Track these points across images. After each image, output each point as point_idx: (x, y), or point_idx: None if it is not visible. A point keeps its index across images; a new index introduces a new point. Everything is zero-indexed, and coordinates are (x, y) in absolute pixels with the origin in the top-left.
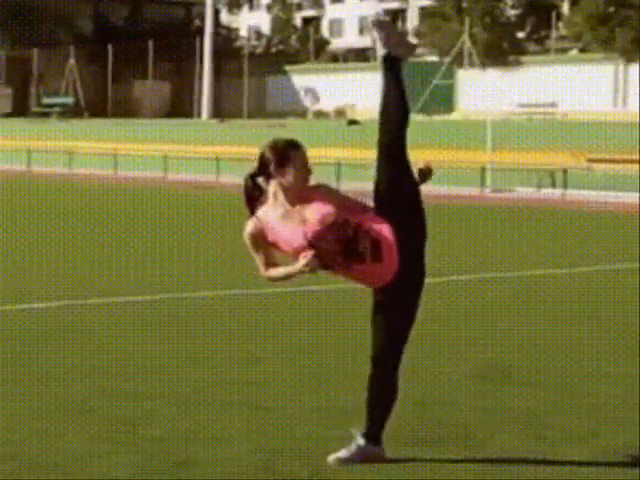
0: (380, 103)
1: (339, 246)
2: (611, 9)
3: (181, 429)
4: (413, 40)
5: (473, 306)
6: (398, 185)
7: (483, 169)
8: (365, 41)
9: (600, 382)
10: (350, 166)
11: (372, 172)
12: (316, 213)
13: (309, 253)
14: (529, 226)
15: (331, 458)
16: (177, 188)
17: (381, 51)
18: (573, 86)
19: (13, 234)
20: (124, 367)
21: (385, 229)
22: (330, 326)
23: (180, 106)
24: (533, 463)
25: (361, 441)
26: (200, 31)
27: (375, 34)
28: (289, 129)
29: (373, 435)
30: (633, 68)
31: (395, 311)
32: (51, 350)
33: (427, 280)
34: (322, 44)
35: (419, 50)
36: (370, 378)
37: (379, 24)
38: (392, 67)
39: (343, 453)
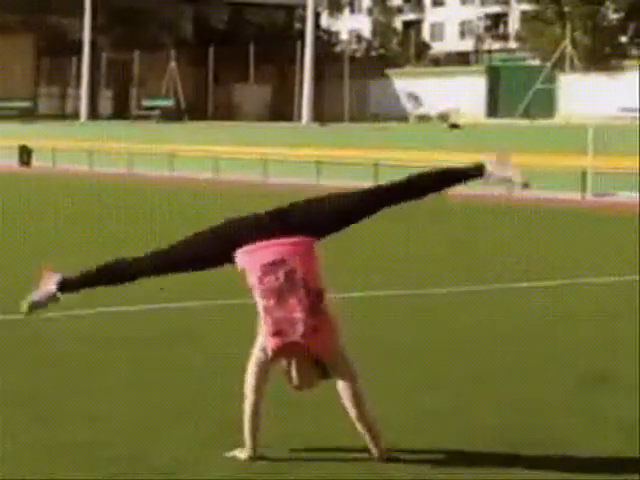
0: None
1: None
2: None
3: (286, 431)
4: None
5: (574, 310)
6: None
7: (584, 173)
8: (466, 45)
9: None
10: None
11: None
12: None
13: None
14: (631, 230)
15: None
16: (277, 191)
17: None
18: None
19: (121, 236)
20: (232, 369)
21: (302, 250)
22: (430, 331)
23: (281, 109)
24: (628, 471)
25: None
26: (301, 35)
27: None
28: (390, 132)
29: None
30: None
31: None
32: (159, 353)
33: (530, 284)
34: (423, 48)
35: (521, 54)
36: None
37: None
38: None
39: None
